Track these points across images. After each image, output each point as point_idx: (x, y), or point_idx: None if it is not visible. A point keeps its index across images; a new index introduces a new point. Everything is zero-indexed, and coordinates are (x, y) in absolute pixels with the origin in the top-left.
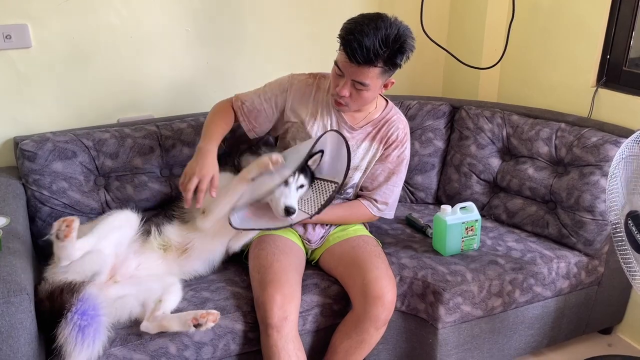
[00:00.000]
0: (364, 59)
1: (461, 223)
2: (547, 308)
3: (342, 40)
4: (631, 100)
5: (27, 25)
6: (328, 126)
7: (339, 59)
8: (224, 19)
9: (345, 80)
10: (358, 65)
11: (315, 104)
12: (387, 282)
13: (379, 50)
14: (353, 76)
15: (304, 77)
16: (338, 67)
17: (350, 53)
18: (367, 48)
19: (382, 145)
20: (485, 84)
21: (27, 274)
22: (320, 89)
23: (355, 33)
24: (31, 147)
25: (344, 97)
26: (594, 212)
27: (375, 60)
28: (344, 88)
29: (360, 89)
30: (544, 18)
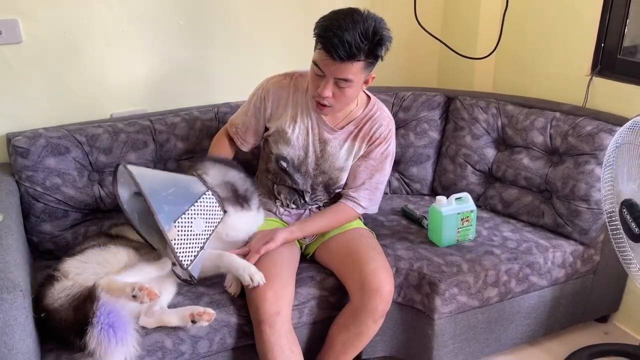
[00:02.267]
0: (346, 54)
1: (457, 214)
2: (544, 297)
3: (320, 38)
4: (626, 89)
5: (17, 20)
6: (309, 128)
7: (318, 58)
8: (217, 13)
9: (326, 80)
10: (341, 61)
11: (295, 106)
12: (385, 275)
13: (360, 44)
14: (335, 74)
15: (279, 78)
16: (318, 67)
17: (331, 50)
18: (349, 43)
19: (366, 144)
20: (480, 74)
21: (21, 270)
22: (299, 89)
23: (334, 29)
24: (24, 144)
25: (327, 98)
26: (589, 201)
27: (358, 54)
28: (326, 88)
29: (344, 86)
30: (538, 7)
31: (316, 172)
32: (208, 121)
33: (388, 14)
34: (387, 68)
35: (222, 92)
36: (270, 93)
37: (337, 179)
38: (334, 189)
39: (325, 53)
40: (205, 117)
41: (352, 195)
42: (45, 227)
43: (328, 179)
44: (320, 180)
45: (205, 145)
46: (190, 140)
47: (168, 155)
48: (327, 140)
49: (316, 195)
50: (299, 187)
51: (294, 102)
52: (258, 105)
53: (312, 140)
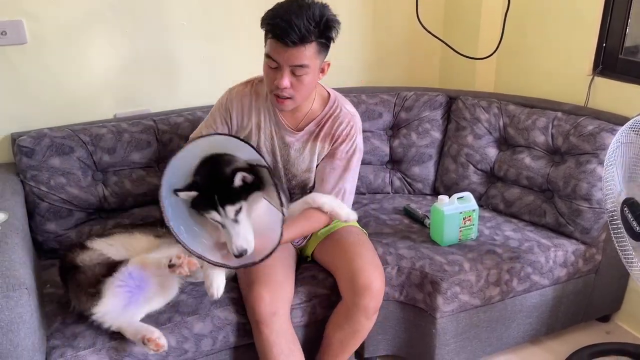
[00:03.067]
0: (297, 38)
1: (459, 213)
2: (545, 297)
3: (269, 26)
4: (627, 88)
5: (22, 21)
6: (273, 133)
7: (270, 48)
8: (219, 12)
9: (282, 70)
10: (294, 45)
11: (257, 113)
12: (373, 271)
13: (309, 27)
14: (290, 61)
15: (239, 88)
16: (271, 59)
17: (282, 35)
18: (298, 26)
19: (329, 143)
20: (482, 74)
21: (26, 268)
22: (260, 95)
23: (281, 15)
24: (28, 143)
25: (286, 89)
26: (590, 201)
27: (309, 36)
28: (284, 78)
29: (301, 74)
30: (539, 7)
31: (288, 176)
32: None
33: (390, 14)
34: (389, 68)
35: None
36: (233, 103)
37: (308, 180)
38: (308, 190)
39: (276, 41)
40: None
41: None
42: (50, 226)
43: (301, 182)
44: (294, 184)
45: None
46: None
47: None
48: (289, 144)
49: (295, 198)
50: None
51: (257, 109)
52: (224, 115)
53: (277, 144)
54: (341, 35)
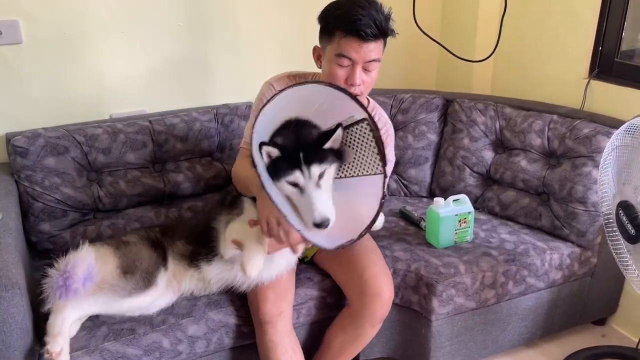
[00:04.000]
0: (378, 31)
1: (454, 215)
2: (541, 299)
3: (344, 24)
4: (623, 92)
5: (18, 21)
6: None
7: (345, 46)
8: (216, 13)
9: (355, 67)
10: (373, 39)
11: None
12: (385, 280)
13: (383, 21)
14: (367, 56)
15: (284, 79)
16: (345, 57)
17: (363, 30)
18: (376, 20)
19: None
20: (478, 76)
21: (19, 269)
22: None
23: (358, 10)
24: (23, 143)
25: (360, 86)
26: (586, 203)
27: (385, 30)
28: (357, 75)
29: (371, 69)
30: (536, 10)
31: None
32: (207, 122)
33: None
34: (386, 70)
35: (221, 94)
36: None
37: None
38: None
39: (354, 37)
40: (204, 118)
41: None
42: (44, 227)
43: None
44: None
45: (204, 146)
46: (189, 141)
47: (167, 156)
48: None
49: None
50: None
51: None
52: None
53: None
54: None
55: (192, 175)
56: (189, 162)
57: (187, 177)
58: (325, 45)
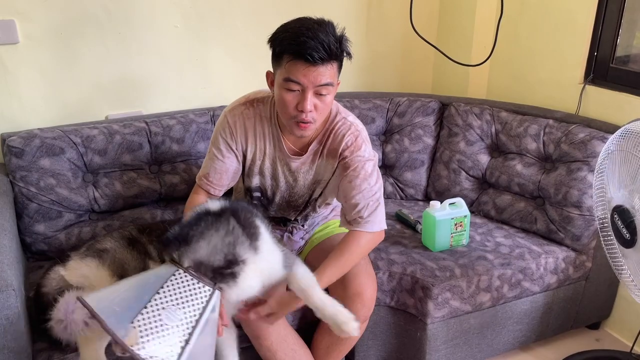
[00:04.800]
0: (326, 54)
1: (450, 219)
2: (536, 303)
3: (292, 47)
4: (618, 97)
5: (14, 21)
6: (276, 159)
7: (293, 70)
8: (213, 16)
9: (306, 93)
10: (321, 63)
11: (262, 137)
12: (365, 279)
13: (334, 43)
14: (317, 81)
15: (239, 109)
16: (294, 82)
17: (310, 53)
18: (327, 42)
19: (335, 159)
20: (475, 80)
21: (14, 270)
22: (262, 117)
23: (305, 33)
24: (18, 144)
25: (311, 112)
26: (581, 208)
27: (335, 52)
28: (308, 101)
29: (325, 93)
30: (532, 15)
31: (294, 197)
32: (203, 124)
33: (384, 20)
34: (383, 74)
35: (217, 95)
36: (237, 127)
37: (314, 193)
38: (315, 201)
39: (300, 61)
40: (200, 120)
41: (355, 217)
42: (39, 228)
43: (308, 197)
44: (300, 202)
45: (201, 148)
46: (186, 142)
47: (163, 158)
48: (295, 170)
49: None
50: (277, 215)
51: (261, 133)
52: (229, 142)
53: (281, 170)
54: None
55: (188, 177)
56: (185, 164)
57: (183, 179)
58: (275, 70)
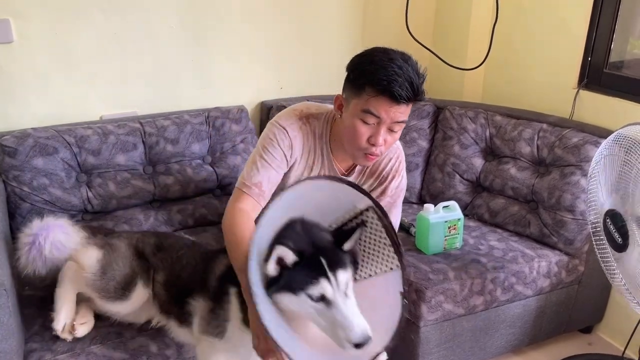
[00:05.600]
0: (412, 94)
1: (444, 222)
2: (528, 307)
3: (382, 82)
4: (611, 102)
5: (9, 20)
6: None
7: (376, 105)
8: (209, 17)
9: (381, 127)
10: (406, 103)
11: (313, 153)
12: None
13: (418, 84)
14: (395, 117)
15: (297, 123)
16: (373, 115)
17: (397, 92)
18: (413, 81)
19: (375, 179)
20: (470, 84)
21: (5, 269)
22: (315, 134)
23: (396, 70)
24: (12, 143)
25: (381, 147)
26: (574, 212)
27: (419, 94)
28: (381, 135)
29: (396, 130)
30: (527, 20)
31: None
32: (198, 125)
33: (380, 23)
34: None
35: (212, 96)
36: (297, 141)
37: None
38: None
39: (386, 98)
40: (195, 121)
41: None
42: None
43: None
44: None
45: (195, 149)
46: (180, 143)
47: (157, 158)
48: None
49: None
50: None
51: (314, 149)
52: (287, 153)
53: None
54: (331, 44)
55: (182, 178)
56: (179, 165)
57: (177, 180)
58: (350, 98)
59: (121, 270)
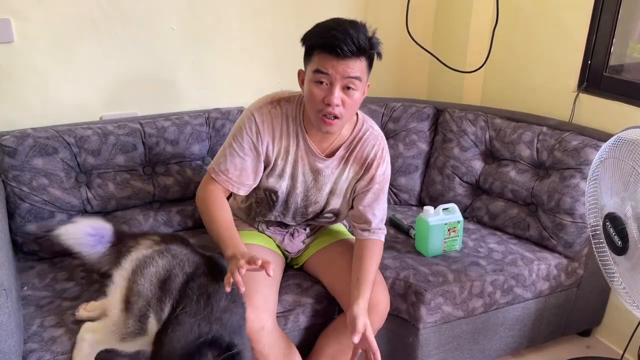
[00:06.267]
0: (355, 48)
1: (443, 224)
2: (527, 309)
3: (321, 39)
4: (610, 105)
5: (9, 20)
6: (299, 158)
7: (321, 62)
8: (209, 18)
9: (333, 85)
10: (350, 56)
11: (287, 136)
12: (381, 291)
13: (364, 40)
14: (345, 73)
15: (266, 107)
16: (322, 73)
17: (338, 45)
18: (356, 36)
19: (361, 167)
20: (469, 87)
21: (4, 269)
22: (288, 117)
23: (335, 28)
24: (11, 143)
25: (337, 107)
26: (573, 215)
27: (364, 48)
28: (335, 94)
29: (353, 88)
30: (527, 23)
31: (305, 202)
32: (198, 126)
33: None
34: (378, 79)
35: (213, 97)
36: (265, 126)
37: (327, 205)
38: (324, 215)
39: (329, 54)
40: (195, 122)
41: (374, 228)
42: (30, 228)
43: (319, 208)
44: (310, 210)
45: (195, 150)
46: (180, 144)
47: (157, 159)
48: (319, 170)
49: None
50: (280, 220)
51: (287, 132)
52: (255, 140)
53: (301, 170)
54: None
55: (181, 179)
56: (179, 166)
57: (177, 181)
58: (306, 66)
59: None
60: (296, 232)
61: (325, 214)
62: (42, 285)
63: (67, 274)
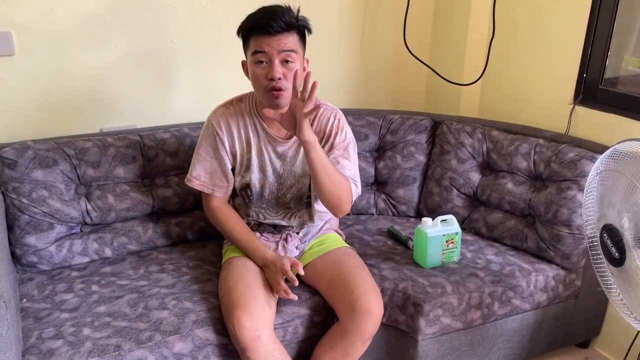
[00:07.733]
0: (284, 24)
1: (442, 235)
2: (526, 321)
3: (253, 22)
4: (606, 118)
5: (11, 33)
6: (262, 147)
7: (256, 44)
8: (209, 31)
9: (273, 61)
10: (281, 31)
11: (246, 131)
12: (375, 297)
13: (291, 18)
14: (279, 47)
15: (220, 110)
16: (260, 52)
17: (267, 23)
18: (281, 15)
19: (322, 139)
20: (467, 99)
21: (4, 281)
22: (244, 113)
23: (264, 11)
24: (11, 155)
25: (280, 79)
26: (571, 226)
27: (292, 24)
28: (276, 67)
29: (291, 60)
30: (523, 37)
31: (282, 191)
32: (197, 138)
33: (378, 39)
34: (376, 91)
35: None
36: (221, 126)
37: (304, 188)
38: (305, 199)
39: (261, 34)
40: (195, 134)
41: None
42: (30, 240)
43: (296, 192)
44: (290, 197)
45: None
46: (180, 156)
47: (156, 171)
48: (283, 153)
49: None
50: (265, 215)
51: (244, 127)
52: (215, 143)
53: (268, 159)
54: (329, 57)
55: (181, 191)
56: (178, 178)
57: (176, 193)
58: (246, 54)
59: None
60: (289, 237)
61: (305, 199)
62: (41, 297)
63: (66, 286)
